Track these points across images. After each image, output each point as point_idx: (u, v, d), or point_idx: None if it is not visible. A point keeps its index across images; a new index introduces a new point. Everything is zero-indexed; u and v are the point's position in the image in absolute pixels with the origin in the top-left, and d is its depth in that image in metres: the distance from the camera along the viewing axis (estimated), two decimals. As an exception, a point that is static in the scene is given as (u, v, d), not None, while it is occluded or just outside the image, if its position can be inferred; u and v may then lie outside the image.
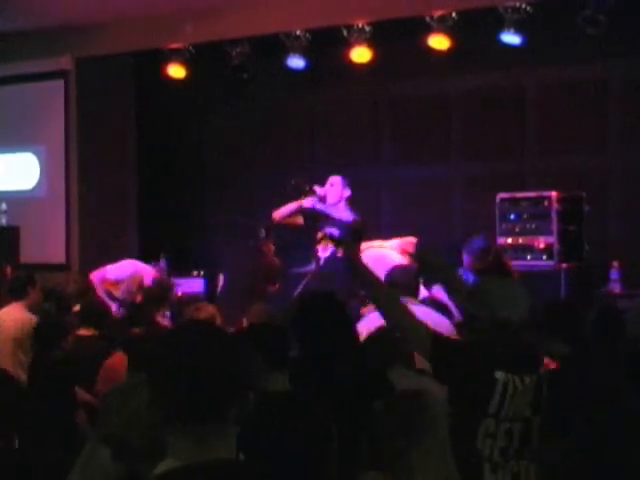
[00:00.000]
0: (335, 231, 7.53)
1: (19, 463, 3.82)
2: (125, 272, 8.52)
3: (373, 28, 9.32)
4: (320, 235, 7.37)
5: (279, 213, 7.99)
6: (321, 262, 7.77)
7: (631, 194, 9.43)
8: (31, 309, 6.59)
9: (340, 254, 7.64)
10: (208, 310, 5.79)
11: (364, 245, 7.68)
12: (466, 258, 6.94)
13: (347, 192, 7.86)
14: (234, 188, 11.33)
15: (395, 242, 7.92)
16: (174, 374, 1.98)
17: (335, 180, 7.92)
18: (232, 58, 9.98)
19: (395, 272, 5.79)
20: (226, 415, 2.00)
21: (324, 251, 7.73)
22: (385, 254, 7.56)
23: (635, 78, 9.39)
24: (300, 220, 7.95)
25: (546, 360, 3.95)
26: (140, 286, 8.23)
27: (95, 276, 8.51)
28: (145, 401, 2.44)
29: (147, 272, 8.51)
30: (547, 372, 3.40)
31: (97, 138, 10.79)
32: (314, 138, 11.17)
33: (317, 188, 7.88)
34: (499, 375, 3.22)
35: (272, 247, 8.62)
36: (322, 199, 7.84)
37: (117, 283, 8.47)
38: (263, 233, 8.65)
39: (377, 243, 7.85)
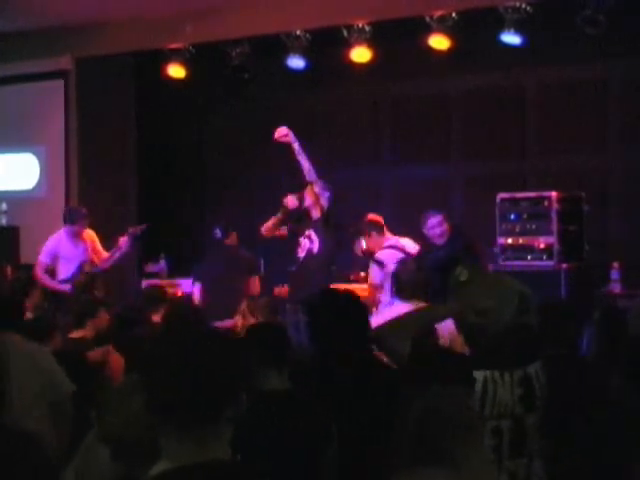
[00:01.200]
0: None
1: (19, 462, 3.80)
2: (51, 247, 8.52)
3: (373, 28, 9.31)
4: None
5: (265, 227, 8.02)
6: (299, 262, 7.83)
7: (631, 194, 9.43)
8: (32, 310, 6.59)
9: (316, 250, 7.69)
10: None
11: (385, 241, 7.79)
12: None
13: (325, 194, 7.87)
14: (234, 188, 11.32)
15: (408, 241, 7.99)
16: (175, 375, 1.97)
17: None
18: (232, 58, 9.97)
19: (400, 271, 5.79)
20: (223, 416, 2.00)
21: (302, 252, 7.79)
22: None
23: (635, 78, 9.38)
24: (284, 231, 7.98)
25: None
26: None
27: (39, 274, 8.36)
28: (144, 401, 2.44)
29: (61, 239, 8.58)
30: (538, 369, 3.40)
31: (97, 138, 10.78)
32: (314, 138, 11.14)
33: (289, 199, 7.90)
34: (477, 374, 3.22)
35: (235, 238, 8.54)
36: (298, 207, 7.87)
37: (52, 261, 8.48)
38: (219, 232, 8.60)
39: (394, 240, 7.91)
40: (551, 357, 4.23)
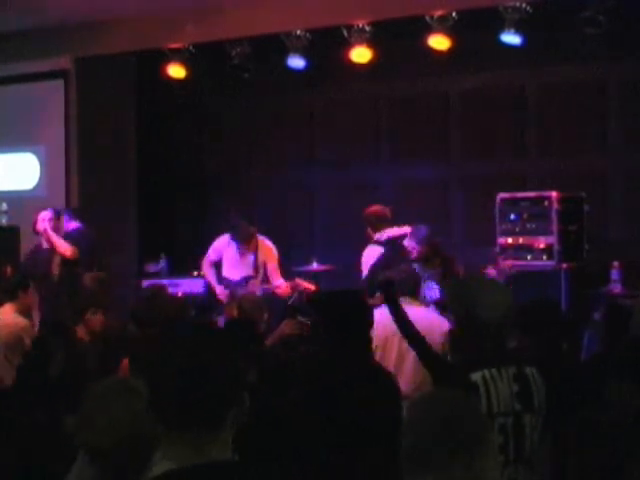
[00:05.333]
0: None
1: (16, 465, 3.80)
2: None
3: (373, 28, 9.31)
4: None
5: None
6: None
7: (631, 194, 9.43)
8: (21, 312, 6.57)
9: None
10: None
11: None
12: (410, 244, 7.38)
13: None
14: (234, 188, 11.32)
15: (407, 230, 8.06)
16: (178, 376, 1.97)
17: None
18: (232, 58, 9.97)
19: (391, 270, 5.81)
20: (225, 417, 1.99)
21: None
22: None
23: (635, 78, 9.38)
24: None
25: None
26: None
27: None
28: (125, 407, 2.44)
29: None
30: (534, 372, 3.42)
31: (97, 138, 10.78)
32: (314, 138, 11.16)
33: None
34: (475, 376, 3.26)
35: None
36: None
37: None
38: None
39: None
40: (550, 357, 4.24)
